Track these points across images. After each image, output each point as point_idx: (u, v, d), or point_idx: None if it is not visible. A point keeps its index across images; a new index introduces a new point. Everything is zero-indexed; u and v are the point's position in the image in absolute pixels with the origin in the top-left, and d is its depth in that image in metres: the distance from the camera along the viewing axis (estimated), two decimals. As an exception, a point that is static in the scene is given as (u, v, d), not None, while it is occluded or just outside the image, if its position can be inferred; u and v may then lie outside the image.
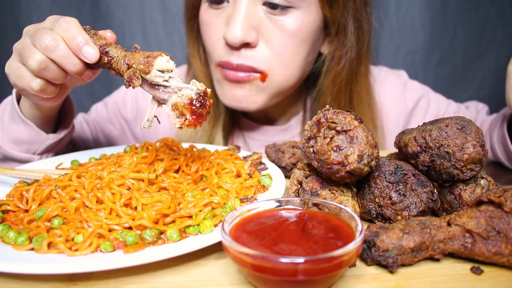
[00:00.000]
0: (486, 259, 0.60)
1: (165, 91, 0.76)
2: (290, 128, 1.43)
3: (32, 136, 1.04)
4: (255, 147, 1.42)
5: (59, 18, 0.81)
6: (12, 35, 2.09)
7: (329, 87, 1.27)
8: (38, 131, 1.03)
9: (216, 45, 1.17)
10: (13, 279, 0.60)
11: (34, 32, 0.80)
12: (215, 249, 0.66)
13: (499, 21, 2.15)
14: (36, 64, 0.79)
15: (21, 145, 1.05)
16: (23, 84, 0.84)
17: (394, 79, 1.46)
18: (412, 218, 0.65)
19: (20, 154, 1.06)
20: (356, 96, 1.32)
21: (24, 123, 1.02)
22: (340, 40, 1.23)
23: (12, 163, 1.08)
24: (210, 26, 1.17)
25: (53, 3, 2.05)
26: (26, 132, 1.03)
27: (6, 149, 1.05)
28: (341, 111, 0.70)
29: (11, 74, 0.86)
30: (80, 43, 0.77)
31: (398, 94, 1.43)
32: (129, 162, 0.90)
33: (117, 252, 0.61)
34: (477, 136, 0.71)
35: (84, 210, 0.70)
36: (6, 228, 0.66)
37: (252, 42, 1.11)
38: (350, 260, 0.52)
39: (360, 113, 1.33)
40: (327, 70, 1.27)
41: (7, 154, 1.06)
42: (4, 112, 1.07)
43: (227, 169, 0.89)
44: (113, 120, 1.46)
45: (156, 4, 2.08)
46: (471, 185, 0.73)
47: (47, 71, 0.80)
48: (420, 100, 1.44)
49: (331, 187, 0.72)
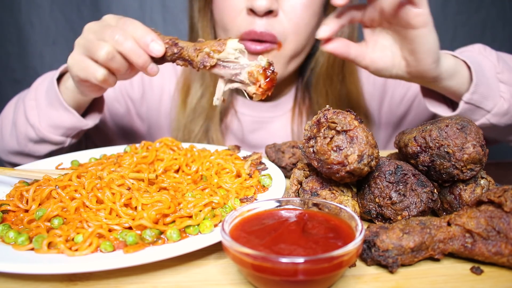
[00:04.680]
0: (486, 259, 0.60)
1: (235, 67, 0.87)
2: (281, 104, 1.45)
3: (73, 123, 1.12)
4: (247, 123, 1.44)
5: (122, 17, 0.92)
6: (12, 35, 2.09)
7: (325, 56, 1.35)
8: (80, 118, 1.12)
9: (236, 19, 1.22)
10: (13, 279, 0.60)
11: (100, 28, 0.89)
12: (215, 249, 0.66)
13: (499, 21, 2.15)
14: (105, 54, 0.86)
15: (60, 129, 1.13)
16: (87, 74, 0.91)
17: None
18: (412, 218, 0.65)
19: (57, 137, 1.14)
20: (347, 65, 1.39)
21: (65, 110, 1.10)
22: None
23: (46, 145, 1.16)
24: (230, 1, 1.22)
25: (53, 3, 2.05)
26: (68, 119, 1.11)
27: (44, 133, 1.12)
28: (341, 111, 0.70)
29: (74, 65, 0.93)
30: (147, 40, 0.87)
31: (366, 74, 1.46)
32: (129, 162, 0.90)
33: (117, 252, 0.61)
34: (477, 136, 0.71)
35: (84, 210, 0.70)
36: (6, 228, 0.66)
37: (275, 10, 1.18)
38: (350, 260, 0.52)
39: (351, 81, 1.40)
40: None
41: (44, 137, 1.13)
42: (39, 97, 1.14)
43: (227, 169, 0.89)
44: (119, 99, 1.49)
45: (156, 4, 2.08)
46: (471, 185, 0.73)
47: (114, 62, 0.88)
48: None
49: (331, 187, 0.72)
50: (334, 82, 1.38)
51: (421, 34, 0.88)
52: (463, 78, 1.00)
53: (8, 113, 1.25)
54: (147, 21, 2.12)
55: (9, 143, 1.21)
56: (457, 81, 1.00)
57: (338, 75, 1.38)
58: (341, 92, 1.39)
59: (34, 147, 1.17)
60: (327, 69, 1.36)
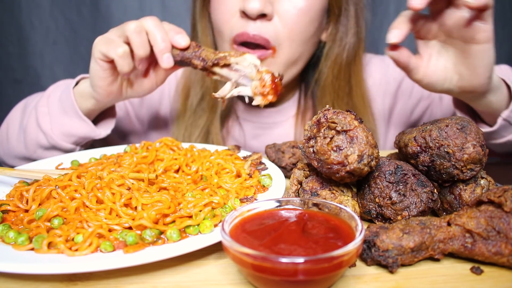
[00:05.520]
0: (486, 259, 0.60)
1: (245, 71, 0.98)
2: (284, 109, 1.44)
3: (86, 132, 1.14)
4: (249, 129, 1.44)
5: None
6: (12, 35, 2.09)
7: (330, 68, 1.33)
8: (93, 128, 1.14)
9: (230, 21, 1.21)
10: (13, 279, 0.60)
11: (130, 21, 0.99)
12: (215, 249, 0.66)
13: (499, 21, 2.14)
14: (133, 26, 0.96)
15: (72, 137, 1.15)
16: (108, 49, 0.97)
17: (376, 61, 1.48)
18: (412, 218, 0.65)
19: (68, 145, 1.15)
20: (353, 77, 1.36)
21: (79, 119, 1.12)
22: (343, 23, 1.30)
23: (56, 152, 1.16)
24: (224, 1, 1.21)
25: (53, 3, 2.05)
26: (81, 128, 1.13)
27: (57, 140, 1.13)
28: (341, 111, 0.70)
29: (100, 41, 0.99)
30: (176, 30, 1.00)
31: (381, 76, 1.45)
32: (129, 162, 0.90)
33: (117, 252, 0.61)
34: (477, 136, 0.71)
35: (84, 210, 0.70)
36: (6, 228, 0.66)
37: (269, 14, 1.16)
38: (350, 260, 0.52)
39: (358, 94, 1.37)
40: (329, 51, 1.33)
41: (56, 144, 1.14)
42: (52, 104, 1.15)
43: (227, 169, 0.89)
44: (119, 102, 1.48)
45: (156, 4, 2.08)
46: (471, 185, 0.73)
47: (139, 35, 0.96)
48: (403, 80, 1.44)
49: (331, 187, 0.72)
50: (340, 95, 1.34)
51: (483, 49, 0.87)
52: (502, 95, 1.00)
53: (15, 118, 1.24)
54: (147, 21, 2.11)
55: (16, 148, 1.21)
56: (497, 97, 0.99)
57: (344, 87, 1.35)
58: (348, 105, 1.36)
59: (43, 153, 1.17)
60: (332, 81, 1.33)
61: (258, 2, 1.12)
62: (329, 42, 1.33)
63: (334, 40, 1.32)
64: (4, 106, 1.30)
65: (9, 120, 1.26)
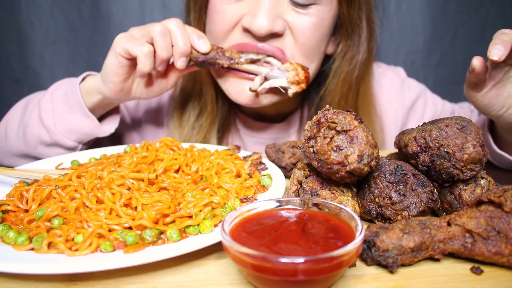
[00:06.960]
0: (486, 259, 0.60)
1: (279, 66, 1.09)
2: (287, 126, 1.43)
3: (91, 129, 1.13)
4: (250, 144, 1.42)
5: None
6: (12, 35, 2.09)
7: (339, 86, 1.27)
8: (98, 124, 1.13)
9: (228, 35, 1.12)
10: (13, 279, 0.60)
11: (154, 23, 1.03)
12: (215, 249, 0.66)
13: (500, 21, 2.14)
14: (159, 28, 0.99)
15: (76, 134, 1.14)
16: (133, 46, 0.99)
17: (392, 76, 1.46)
18: (412, 218, 0.65)
19: (70, 142, 1.14)
20: (362, 95, 1.32)
21: (85, 115, 1.11)
22: (354, 40, 1.25)
23: (57, 149, 1.15)
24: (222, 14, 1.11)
25: (53, 3, 2.05)
26: (86, 125, 1.13)
27: (59, 136, 1.13)
28: (341, 111, 0.70)
29: (124, 38, 1.01)
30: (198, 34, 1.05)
31: (396, 92, 1.43)
32: (129, 162, 0.90)
33: (117, 252, 0.61)
34: (477, 136, 0.71)
35: (84, 210, 0.70)
36: (6, 228, 0.66)
37: (279, 31, 1.08)
38: (350, 260, 0.52)
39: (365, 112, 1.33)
40: (338, 69, 1.28)
41: (58, 140, 1.13)
42: (56, 100, 1.14)
43: (227, 169, 0.89)
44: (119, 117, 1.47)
45: (156, 4, 2.08)
46: (471, 185, 0.73)
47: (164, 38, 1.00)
48: (418, 99, 1.43)
49: (331, 187, 0.72)
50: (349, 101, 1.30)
51: None
52: None
53: (15, 115, 1.23)
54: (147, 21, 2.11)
55: (15, 145, 1.20)
56: None
57: (351, 107, 1.30)
58: None
59: (44, 150, 1.16)
60: (339, 100, 1.28)
61: (266, 19, 1.02)
62: (338, 59, 1.27)
63: (345, 58, 1.26)
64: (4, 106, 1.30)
65: (9, 117, 1.26)
